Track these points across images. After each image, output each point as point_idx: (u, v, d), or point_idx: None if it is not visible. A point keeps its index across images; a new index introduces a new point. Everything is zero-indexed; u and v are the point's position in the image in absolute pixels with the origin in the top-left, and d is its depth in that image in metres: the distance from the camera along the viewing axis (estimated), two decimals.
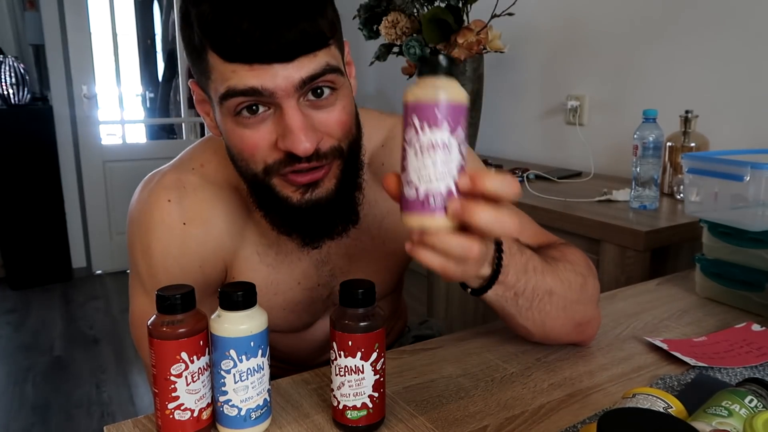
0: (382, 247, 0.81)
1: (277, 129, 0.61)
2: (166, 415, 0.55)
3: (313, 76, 0.59)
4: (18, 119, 3.22)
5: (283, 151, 0.61)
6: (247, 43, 0.56)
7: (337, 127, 0.63)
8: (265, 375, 0.57)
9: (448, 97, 0.46)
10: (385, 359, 0.58)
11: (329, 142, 0.63)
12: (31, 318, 2.99)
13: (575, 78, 2.07)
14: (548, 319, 0.68)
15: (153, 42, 4.95)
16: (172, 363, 0.54)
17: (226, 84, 0.58)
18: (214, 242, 0.73)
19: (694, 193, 0.97)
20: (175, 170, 0.74)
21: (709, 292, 0.95)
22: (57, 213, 3.38)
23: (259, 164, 0.63)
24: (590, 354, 0.76)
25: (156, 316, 0.55)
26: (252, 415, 0.57)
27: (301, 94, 0.60)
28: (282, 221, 0.68)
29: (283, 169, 0.62)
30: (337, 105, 0.63)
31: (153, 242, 0.71)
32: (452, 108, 0.47)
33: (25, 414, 2.14)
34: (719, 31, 1.63)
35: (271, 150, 0.62)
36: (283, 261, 0.77)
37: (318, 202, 0.65)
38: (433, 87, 0.47)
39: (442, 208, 0.47)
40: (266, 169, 0.63)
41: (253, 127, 0.61)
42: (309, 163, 0.62)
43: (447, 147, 0.47)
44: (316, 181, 0.64)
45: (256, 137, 0.61)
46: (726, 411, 0.52)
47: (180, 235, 0.71)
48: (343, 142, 0.65)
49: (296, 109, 0.59)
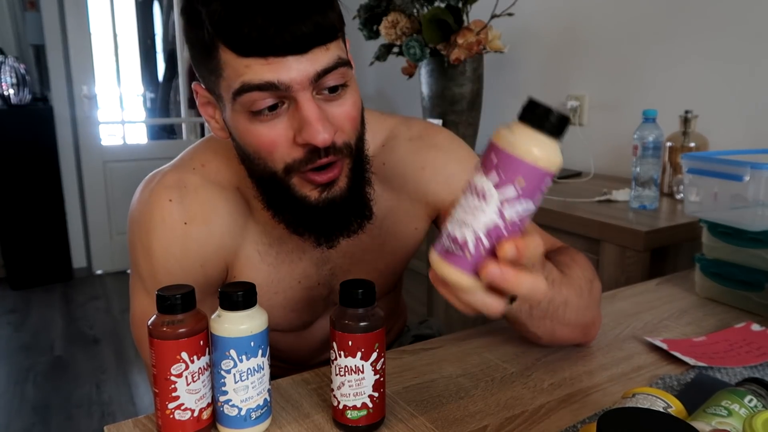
0: (383, 247, 0.81)
1: (293, 124, 0.61)
2: (166, 415, 0.55)
3: (327, 69, 0.59)
4: (18, 120, 3.22)
5: (302, 145, 0.61)
6: (262, 36, 0.56)
7: (347, 121, 0.64)
8: (265, 375, 0.57)
9: (533, 159, 0.42)
10: (386, 359, 0.58)
11: (341, 137, 0.63)
12: (32, 318, 2.99)
13: (575, 78, 2.07)
14: (559, 326, 0.68)
15: (153, 42, 4.95)
16: (172, 363, 0.54)
17: (241, 79, 0.58)
18: (216, 242, 0.73)
19: (693, 193, 0.97)
20: (176, 170, 0.74)
21: (708, 292, 0.95)
22: (57, 213, 3.38)
23: (279, 163, 0.63)
24: (590, 354, 0.76)
25: (156, 316, 0.55)
26: (252, 414, 0.57)
27: (315, 88, 0.60)
28: (297, 220, 0.67)
29: (304, 167, 0.62)
30: (348, 99, 0.63)
31: (154, 242, 0.71)
32: (533, 170, 0.42)
33: (25, 414, 2.14)
34: (719, 31, 1.63)
35: (290, 147, 0.62)
36: (283, 260, 0.77)
37: (334, 200, 0.65)
38: (524, 139, 0.42)
39: (468, 263, 0.45)
40: (287, 168, 0.63)
41: (269, 124, 0.61)
42: (327, 156, 0.62)
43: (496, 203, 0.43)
44: (332, 180, 0.64)
45: (273, 134, 0.61)
46: (726, 411, 0.52)
47: (181, 235, 0.71)
48: (353, 139, 0.65)
49: (312, 101, 0.60)
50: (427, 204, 0.80)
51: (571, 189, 1.67)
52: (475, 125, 2.08)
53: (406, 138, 0.80)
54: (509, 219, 0.44)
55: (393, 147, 0.79)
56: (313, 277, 0.80)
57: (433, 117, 2.04)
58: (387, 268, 0.84)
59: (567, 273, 0.66)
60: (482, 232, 0.44)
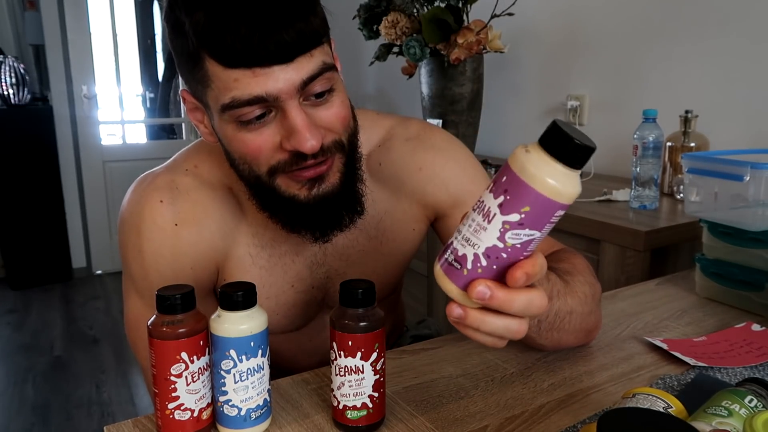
0: (380, 248, 0.80)
1: (281, 131, 0.61)
2: (166, 415, 0.55)
3: (312, 76, 0.60)
4: (18, 119, 3.22)
5: (289, 151, 0.62)
6: (246, 47, 0.56)
7: (337, 121, 0.64)
8: (265, 375, 0.57)
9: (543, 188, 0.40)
10: (386, 359, 0.58)
11: (331, 137, 0.64)
12: (31, 318, 2.99)
13: (575, 78, 2.07)
14: (565, 334, 0.68)
15: (153, 42, 4.95)
16: (172, 363, 0.54)
17: (230, 95, 0.59)
18: (206, 244, 0.73)
19: (694, 193, 0.97)
20: (168, 172, 0.74)
21: (709, 292, 0.95)
22: (57, 213, 3.38)
23: (263, 166, 0.63)
24: (590, 354, 0.76)
25: (156, 316, 0.55)
26: (252, 415, 0.57)
27: (302, 95, 0.61)
28: (290, 220, 0.68)
29: (290, 168, 0.63)
30: (335, 100, 0.64)
31: (144, 244, 0.71)
32: (541, 199, 0.40)
33: (25, 414, 2.14)
34: (719, 31, 1.63)
35: (276, 151, 0.62)
36: (276, 263, 0.76)
37: (326, 196, 0.66)
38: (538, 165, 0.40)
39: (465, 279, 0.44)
40: (271, 170, 0.64)
41: (256, 131, 0.61)
42: (315, 159, 0.63)
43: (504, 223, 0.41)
44: (321, 175, 0.65)
45: (259, 141, 0.62)
46: (726, 411, 0.52)
47: (171, 236, 0.71)
48: (344, 136, 0.66)
49: (299, 109, 0.60)
50: (425, 205, 0.80)
51: None
52: (475, 125, 2.08)
53: (403, 138, 0.80)
54: (510, 244, 0.42)
55: (390, 147, 0.79)
56: (306, 280, 0.79)
57: (433, 117, 2.04)
58: (385, 271, 0.83)
59: (569, 281, 0.66)
60: (481, 252, 0.43)
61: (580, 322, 0.68)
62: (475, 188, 0.79)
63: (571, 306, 0.64)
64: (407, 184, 0.78)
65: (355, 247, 0.79)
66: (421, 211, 0.80)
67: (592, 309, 0.70)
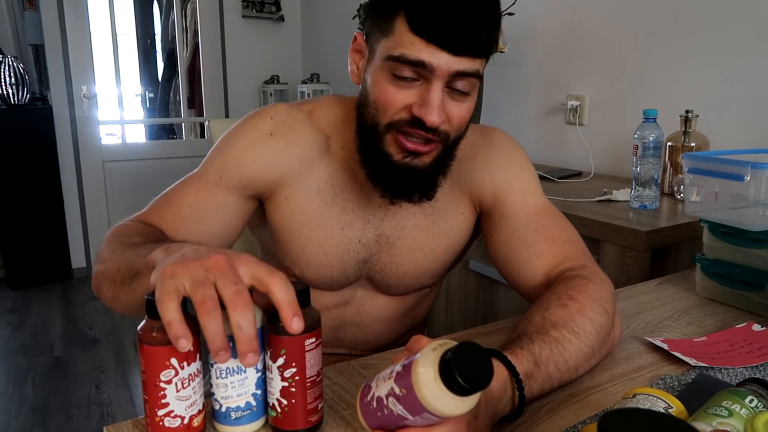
0: (432, 227, 0.88)
1: (418, 98, 0.71)
2: (155, 422, 0.54)
3: (465, 73, 0.70)
4: (18, 119, 3.22)
5: (414, 115, 0.71)
6: (438, 28, 0.67)
7: (458, 119, 0.74)
8: (247, 378, 0.56)
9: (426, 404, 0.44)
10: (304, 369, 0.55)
11: (445, 127, 0.74)
12: (31, 318, 2.99)
13: (575, 78, 2.07)
14: (581, 369, 0.68)
15: (153, 42, 4.95)
16: (161, 369, 0.52)
17: (402, 50, 0.69)
18: (283, 158, 0.83)
19: (694, 193, 0.97)
20: (290, 105, 0.87)
21: (709, 292, 0.95)
22: (57, 213, 3.38)
23: (387, 117, 0.73)
24: None
25: (146, 320, 0.53)
26: (232, 414, 0.56)
27: (448, 82, 0.71)
28: (376, 171, 0.78)
29: (404, 127, 0.73)
30: (466, 104, 0.74)
31: (242, 134, 0.83)
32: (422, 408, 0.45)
33: (25, 414, 2.14)
34: (719, 31, 1.63)
35: (402, 109, 0.72)
36: (337, 203, 0.85)
37: (413, 168, 0.75)
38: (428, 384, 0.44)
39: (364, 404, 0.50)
40: (389, 124, 0.73)
41: (400, 87, 0.72)
42: (425, 134, 0.72)
43: None
44: (419, 153, 0.74)
45: (399, 96, 0.72)
46: (726, 411, 0.52)
47: (262, 139, 0.83)
48: (454, 133, 0.75)
49: (440, 90, 0.71)
50: (471, 192, 0.88)
51: (571, 189, 1.67)
52: None
53: (470, 133, 0.86)
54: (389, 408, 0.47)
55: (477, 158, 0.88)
56: (357, 230, 0.86)
57: None
58: (432, 251, 0.89)
59: (573, 329, 0.66)
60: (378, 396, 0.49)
61: (590, 359, 0.68)
62: (517, 181, 0.86)
63: (575, 364, 0.66)
64: (462, 170, 0.87)
65: (411, 221, 0.87)
66: (468, 198, 0.89)
67: (605, 339, 0.71)
